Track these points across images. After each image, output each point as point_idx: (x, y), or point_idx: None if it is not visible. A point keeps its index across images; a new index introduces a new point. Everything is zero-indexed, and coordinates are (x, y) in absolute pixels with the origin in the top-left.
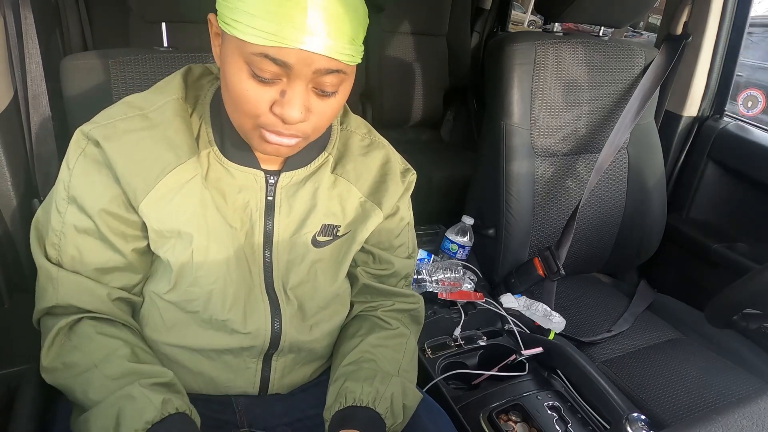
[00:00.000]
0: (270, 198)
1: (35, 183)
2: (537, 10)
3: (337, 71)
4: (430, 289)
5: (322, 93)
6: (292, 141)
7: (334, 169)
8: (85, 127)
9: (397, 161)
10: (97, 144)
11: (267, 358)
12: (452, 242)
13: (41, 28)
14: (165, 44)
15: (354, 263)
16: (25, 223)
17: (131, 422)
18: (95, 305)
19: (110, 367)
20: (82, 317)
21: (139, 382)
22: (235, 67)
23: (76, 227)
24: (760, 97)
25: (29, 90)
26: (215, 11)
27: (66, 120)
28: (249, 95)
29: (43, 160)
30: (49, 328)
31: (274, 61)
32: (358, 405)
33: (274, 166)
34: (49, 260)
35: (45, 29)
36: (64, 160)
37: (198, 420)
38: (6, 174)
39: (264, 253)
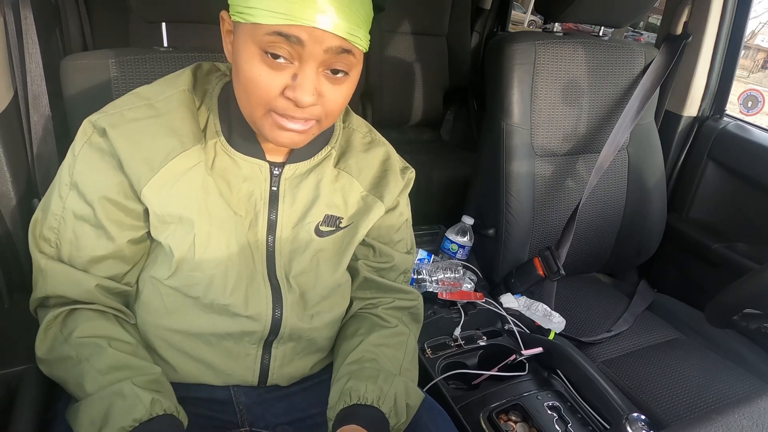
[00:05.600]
0: (274, 188)
1: (35, 183)
2: (537, 10)
3: (347, 51)
4: (430, 289)
5: (333, 75)
6: (306, 126)
7: (336, 164)
8: (93, 117)
9: (397, 159)
10: (104, 132)
11: (267, 346)
12: (452, 242)
13: (41, 28)
14: (165, 44)
15: (354, 257)
16: (25, 223)
17: (120, 419)
18: (82, 296)
19: (99, 360)
20: (74, 309)
21: (132, 380)
22: (247, 54)
23: (74, 213)
24: (760, 97)
25: (29, 90)
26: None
27: (66, 120)
28: (261, 80)
29: (43, 160)
30: (42, 320)
31: (287, 37)
32: (362, 403)
33: (278, 158)
34: (41, 250)
35: (45, 29)
36: (71, 147)
37: (185, 420)
38: (6, 174)
39: (267, 241)
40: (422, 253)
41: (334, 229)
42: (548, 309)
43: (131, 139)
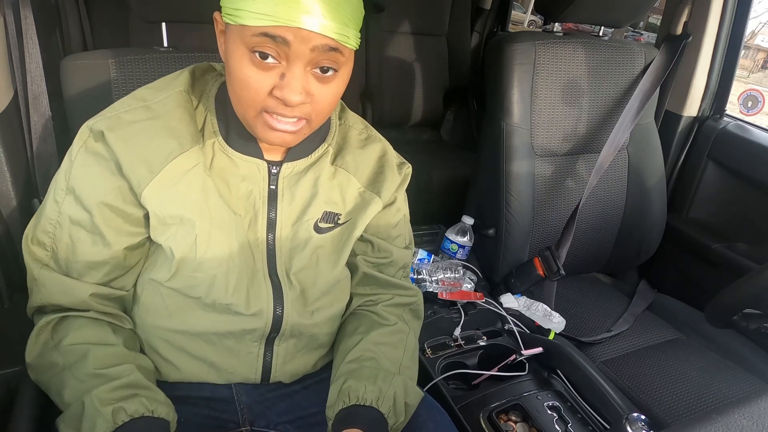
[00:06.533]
0: (273, 187)
1: (35, 183)
2: (537, 10)
3: (335, 50)
4: (430, 289)
5: (322, 73)
6: (296, 126)
7: (334, 161)
8: (90, 121)
9: (393, 155)
10: (101, 135)
11: (269, 343)
12: (452, 242)
13: (41, 28)
14: (165, 44)
15: (353, 252)
16: (25, 223)
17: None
18: (75, 303)
19: (80, 368)
20: (66, 316)
21: (96, 389)
22: (237, 55)
23: (70, 218)
24: (760, 97)
25: (29, 90)
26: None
27: (66, 120)
28: (250, 81)
29: (43, 160)
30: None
31: (274, 38)
32: (361, 404)
33: (276, 157)
34: (34, 257)
35: (45, 29)
36: (68, 152)
37: (169, 416)
38: (6, 174)
39: (267, 240)
40: (422, 253)
41: (332, 225)
42: (548, 309)
43: (129, 141)
